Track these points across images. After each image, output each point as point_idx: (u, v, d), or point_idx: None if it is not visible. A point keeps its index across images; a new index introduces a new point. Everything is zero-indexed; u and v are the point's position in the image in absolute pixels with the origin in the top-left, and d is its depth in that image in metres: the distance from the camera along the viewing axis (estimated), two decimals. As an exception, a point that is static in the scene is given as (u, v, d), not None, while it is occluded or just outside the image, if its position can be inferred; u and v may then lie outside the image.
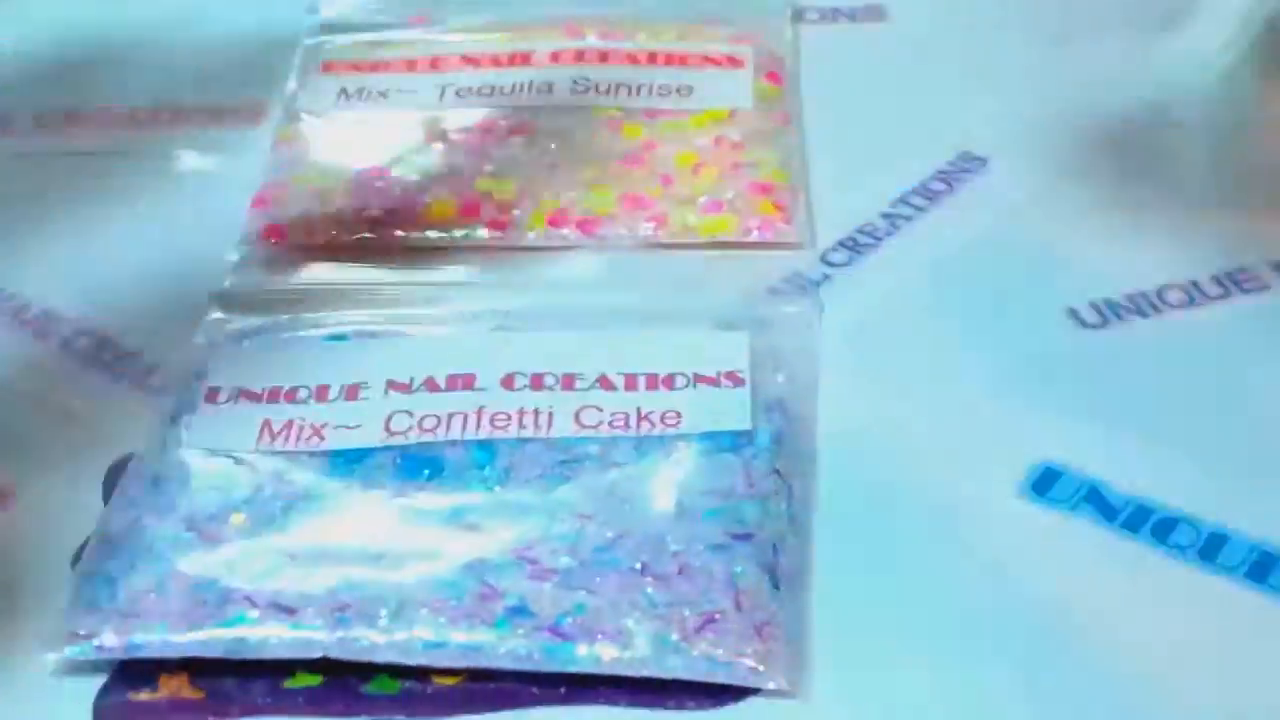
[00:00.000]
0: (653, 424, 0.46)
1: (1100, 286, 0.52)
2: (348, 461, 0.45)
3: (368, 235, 0.54)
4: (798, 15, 0.67)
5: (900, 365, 0.50)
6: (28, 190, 0.59)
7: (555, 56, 0.61)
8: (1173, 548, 0.43)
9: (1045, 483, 0.45)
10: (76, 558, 0.44)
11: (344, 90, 0.60)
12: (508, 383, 0.47)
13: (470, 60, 0.62)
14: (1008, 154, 0.58)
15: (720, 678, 0.39)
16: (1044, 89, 0.61)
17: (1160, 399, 0.48)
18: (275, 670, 0.41)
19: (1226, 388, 0.48)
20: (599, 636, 0.40)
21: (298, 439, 0.46)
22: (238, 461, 0.45)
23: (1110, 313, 0.51)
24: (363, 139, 0.58)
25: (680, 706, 0.40)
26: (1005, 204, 0.56)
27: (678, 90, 0.60)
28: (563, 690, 0.40)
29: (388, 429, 0.46)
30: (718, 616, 0.40)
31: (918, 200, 0.56)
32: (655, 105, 0.59)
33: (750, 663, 0.39)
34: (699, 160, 0.56)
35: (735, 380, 0.47)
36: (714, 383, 0.47)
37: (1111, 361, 0.49)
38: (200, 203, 0.57)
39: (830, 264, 0.53)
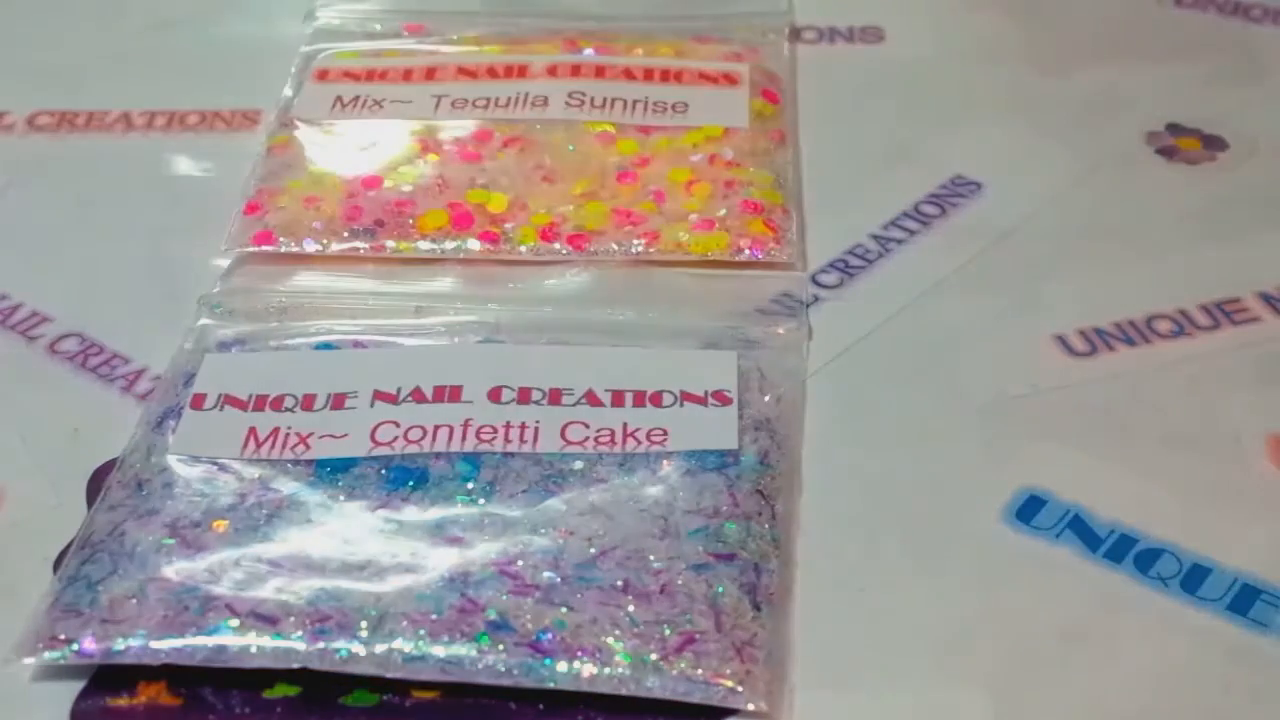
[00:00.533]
0: (639, 441, 0.46)
1: (1089, 314, 0.52)
2: (333, 471, 0.45)
3: (359, 244, 0.54)
4: (795, 34, 0.67)
5: (886, 388, 0.50)
6: (19, 192, 0.59)
7: (551, 70, 0.61)
8: (1155, 578, 0.43)
9: (1029, 510, 0.45)
10: (58, 561, 0.44)
11: (339, 98, 0.60)
12: (494, 396, 0.47)
13: (466, 71, 0.62)
14: (1001, 179, 0.58)
15: (699, 698, 0.39)
16: (1038, 115, 0.62)
17: (1147, 429, 0.48)
18: (254, 679, 0.41)
19: (1213, 419, 0.48)
20: (579, 653, 0.40)
21: (283, 447, 0.46)
22: (222, 468, 0.45)
23: (1099, 340, 0.51)
24: (356, 148, 0.58)
25: (658, 726, 0.40)
26: (997, 229, 0.56)
27: (673, 107, 0.60)
28: (541, 706, 0.40)
29: (374, 439, 0.46)
30: (698, 636, 0.40)
31: (910, 223, 0.56)
32: (650, 121, 0.59)
33: (730, 683, 0.39)
34: (692, 177, 0.56)
35: (722, 400, 0.47)
36: (701, 402, 0.47)
37: (1099, 390, 0.49)
38: (192, 208, 0.57)
39: (821, 285, 0.53)
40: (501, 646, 0.40)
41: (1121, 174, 0.59)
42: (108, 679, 0.41)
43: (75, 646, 0.40)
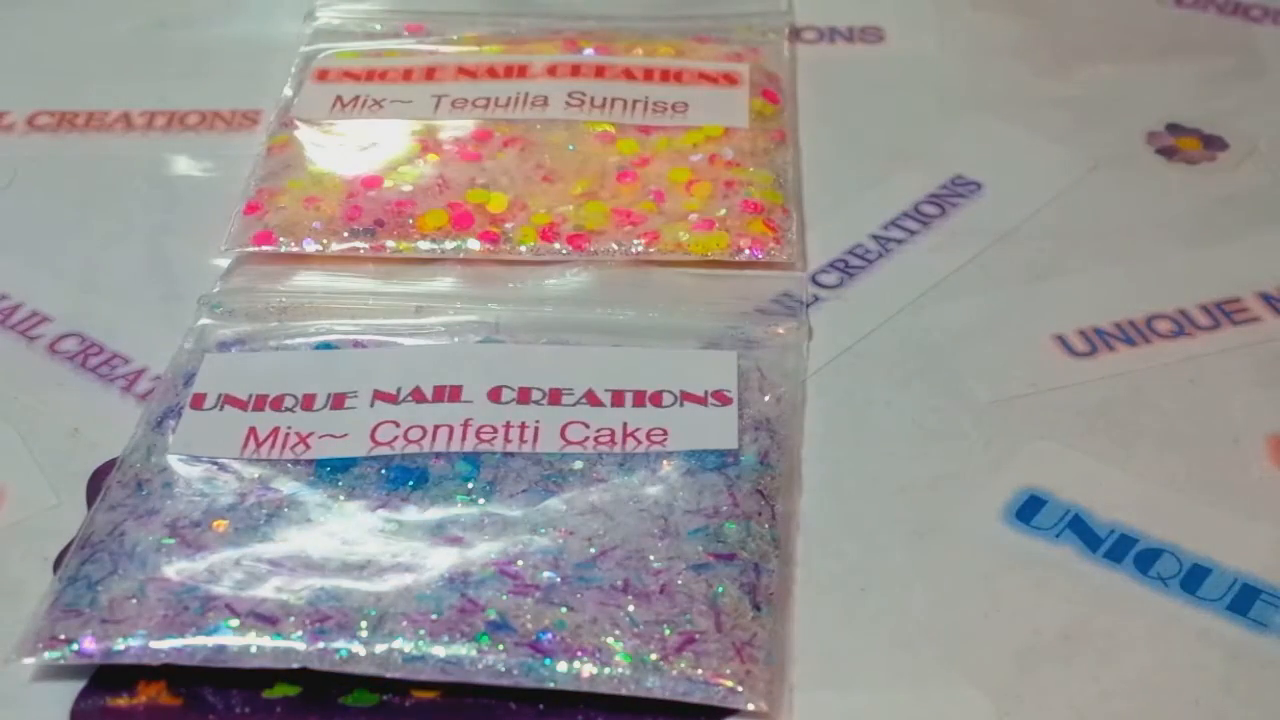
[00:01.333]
0: (639, 441, 0.46)
1: (1089, 314, 0.52)
2: (333, 471, 0.45)
3: (359, 244, 0.54)
4: (795, 34, 0.67)
5: (886, 388, 0.50)
6: (20, 192, 0.59)
7: (551, 70, 0.61)
8: (1155, 578, 0.43)
9: (1029, 510, 0.45)
10: (58, 561, 0.44)
11: (339, 98, 0.60)
12: (494, 395, 0.47)
13: (466, 71, 0.62)
14: (1001, 179, 0.58)
15: (699, 698, 0.39)
16: (1038, 115, 0.62)
17: (1147, 429, 0.48)
18: (254, 679, 0.41)
19: (1213, 419, 0.48)
20: (578, 653, 0.40)
21: (283, 447, 0.46)
22: (222, 468, 0.45)
23: (1099, 340, 0.51)
24: (356, 148, 0.58)
25: (658, 726, 0.40)
26: (996, 229, 0.56)
27: (673, 106, 0.60)
28: (541, 706, 0.40)
29: (374, 439, 0.46)
30: (698, 636, 0.40)
31: (909, 223, 0.56)
32: (650, 121, 0.59)
33: (729, 683, 0.39)
34: (692, 177, 0.56)
35: (722, 399, 0.47)
36: (701, 401, 0.47)
37: (1099, 390, 0.49)
38: (192, 208, 0.57)
39: (820, 285, 0.53)
40: (501, 646, 0.40)
41: (1121, 174, 0.59)
42: (108, 679, 0.41)
43: (75, 646, 0.40)
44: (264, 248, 0.54)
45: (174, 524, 0.43)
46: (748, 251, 0.53)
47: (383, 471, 0.45)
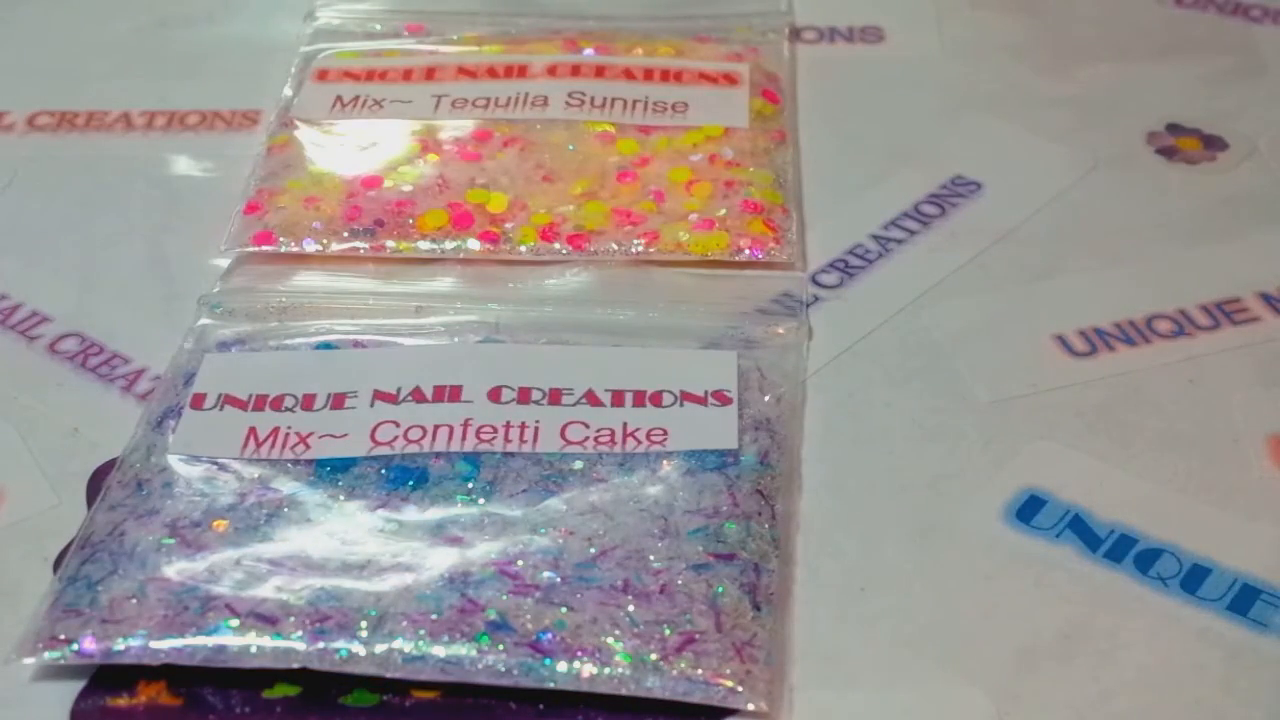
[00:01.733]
0: (639, 441, 0.46)
1: (1089, 314, 0.52)
2: (333, 471, 0.45)
3: (359, 244, 0.54)
4: (795, 34, 0.67)
5: (886, 388, 0.50)
6: (19, 192, 0.59)
7: (551, 70, 0.61)
8: (1155, 578, 0.43)
9: (1029, 510, 0.45)
10: (58, 561, 0.44)
11: (339, 98, 0.60)
12: (494, 395, 0.47)
13: (466, 71, 0.62)
14: (1001, 179, 0.58)
15: (699, 698, 0.39)
16: (1038, 115, 0.62)
17: (1147, 429, 0.48)
18: (254, 679, 0.41)
19: (1213, 419, 0.48)
20: (578, 653, 0.40)
21: (283, 447, 0.46)
22: (222, 468, 0.45)
23: (1099, 340, 0.51)
24: (356, 148, 0.58)
25: (658, 726, 0.40)
26: (997, 229, 0.56)
27: (673, 106, 0.60)
28: (540, 706, 0.40)
29: (374, 439, 0.46)
30: (698, 636, 0.40)
31: (910, 223, 0.56)
32: (650, 121, 0.59)
33: (729, 683, 0.39)
34: (692, 177, 0.56)
35: (722, 400, 0.47)
36: (701, 401, 0.47)
37: (1099, 390, 0.49)
38: (192, 208, 0.57)
39: (820, 285, 0.53)
40: (501, 646, 0.40)
41: (1121, 174, 0.59)
42: (108, 679, 0.41)
43: (75, 646, 0.40)
44: (264, 248, 0.54)
45: (174, 524, 0.43)
46: (748, 251, 0.53)
47: (383, 471, 0.45)
